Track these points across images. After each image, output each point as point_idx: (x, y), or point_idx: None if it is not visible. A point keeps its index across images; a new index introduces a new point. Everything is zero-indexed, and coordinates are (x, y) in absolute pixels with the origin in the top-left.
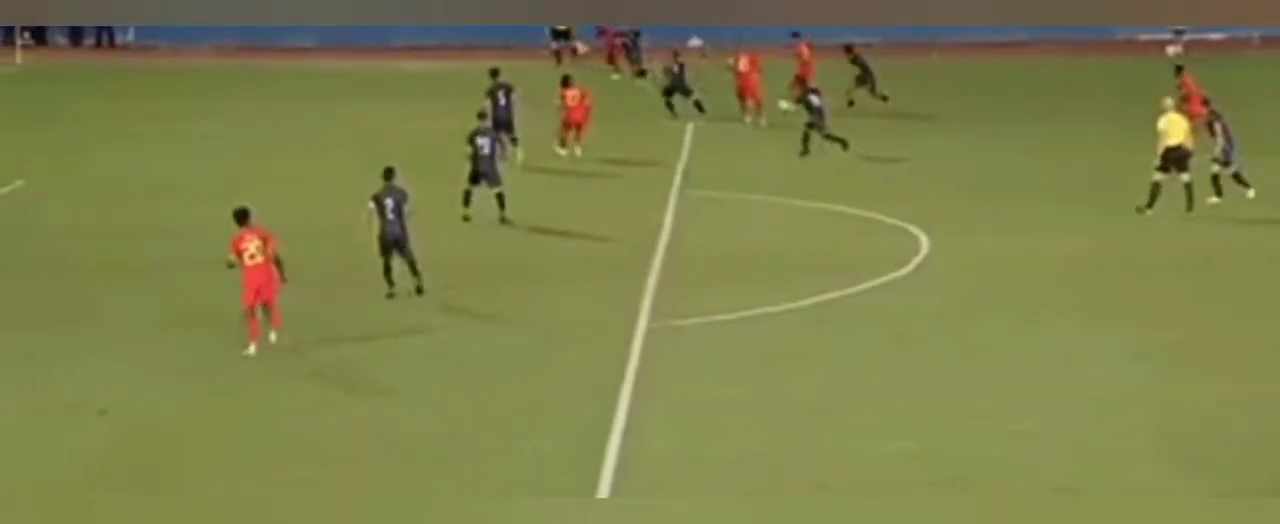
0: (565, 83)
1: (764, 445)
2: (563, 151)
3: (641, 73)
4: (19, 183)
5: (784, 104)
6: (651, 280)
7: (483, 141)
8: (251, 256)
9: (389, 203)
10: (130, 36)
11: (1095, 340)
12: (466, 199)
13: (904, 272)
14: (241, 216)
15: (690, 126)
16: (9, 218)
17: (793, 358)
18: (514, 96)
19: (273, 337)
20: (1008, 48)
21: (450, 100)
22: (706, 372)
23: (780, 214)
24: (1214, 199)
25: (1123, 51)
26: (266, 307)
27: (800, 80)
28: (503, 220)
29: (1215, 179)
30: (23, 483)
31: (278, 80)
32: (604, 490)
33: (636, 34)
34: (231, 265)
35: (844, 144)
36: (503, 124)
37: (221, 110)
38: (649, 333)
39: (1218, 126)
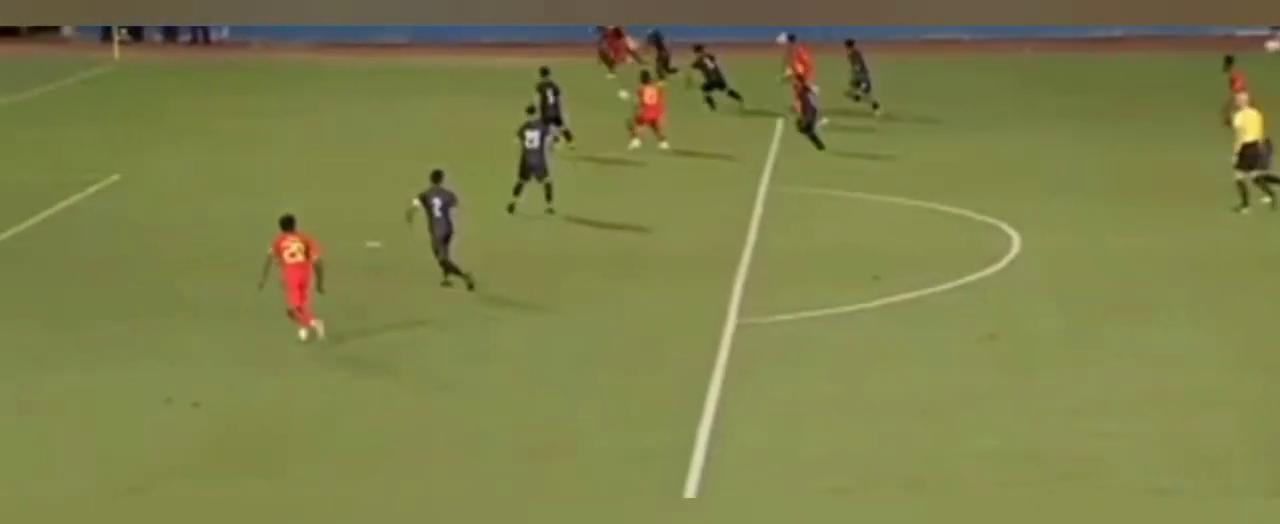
0: (645, 79)
1: (854, 443)
2: (637, 143)
3: (672, 70)
4: (114, 177)
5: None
6: (740, 277)
7: (532, 135)
8: (292, 255)
9: (437, 202)
10: (225, 33)
11: (1190, 339)
12: (517, 191)
13: (995, 269)
14: (287, 224)
15: (779, 122)
16: (105, 212)
17: (883, 355)
18: (561, 96)
19: (303, 334)
20: (1101, 43)
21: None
22: (796, 369)
23: (870, 211)
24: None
25: (1219, 47)
26: (294, 308)
27: (800, 79)
28: (549, 211)
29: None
30: (119, 474)
31: (369, 76)
32: (692, 488)
33: (658, 34)
34: (266, 270)
35: (819, 145)
36: (551, 120)
37: (313, 106)
38: (738, 330)
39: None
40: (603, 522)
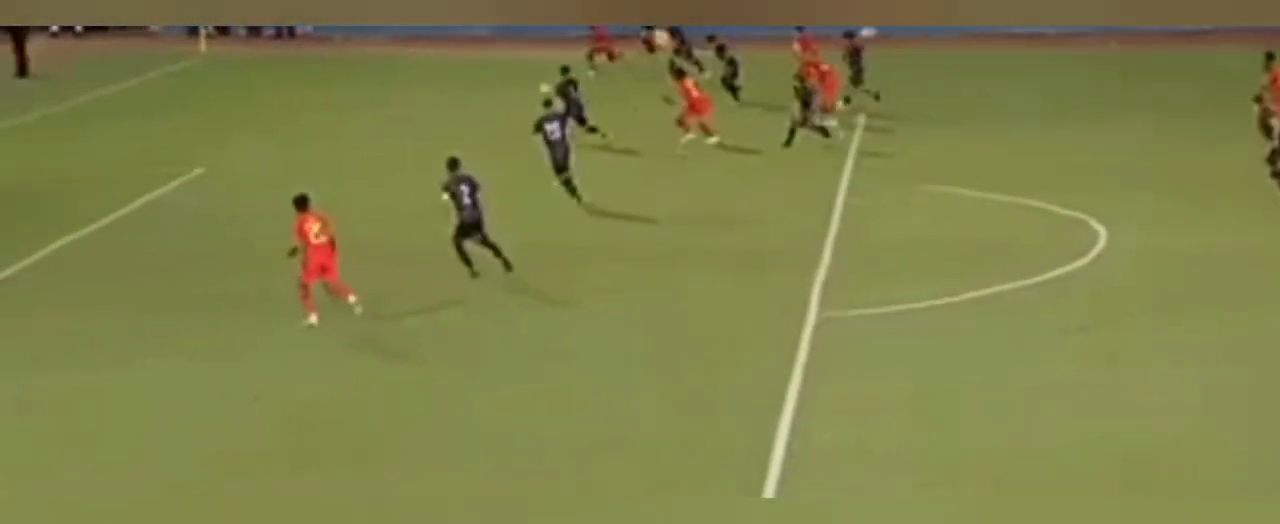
0: (680, 74)
1: (937, 439)
2: (689, 137)
3: (699, 66)
4: (199, 171)
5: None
6: (821, 271)
7: (552, 127)
8: (316, 236)
9: (464, 190)
10: (309, 27)
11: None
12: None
13: (1081, 263)
14: (301, 203)
15: (862, 116)
16: (188, 205)
17: (967, 350)
18: (580, 92)
19: (356, 308)
20: (1186, 38)
21: (621, 86)
22: (878, 364)
23: (953, 204)
24: None
25: None
26: (328, 283)
27: (802, 77)
28: (580, 201)
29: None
30: (202, 464)
31: (451, 70)
32: (771, 483)
33: (680, 30)
34: (294, 251)
35: (801, 132)
36: (575, 117)
37: (394, 99)
38: (819, 324)
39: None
40: (680, 518)
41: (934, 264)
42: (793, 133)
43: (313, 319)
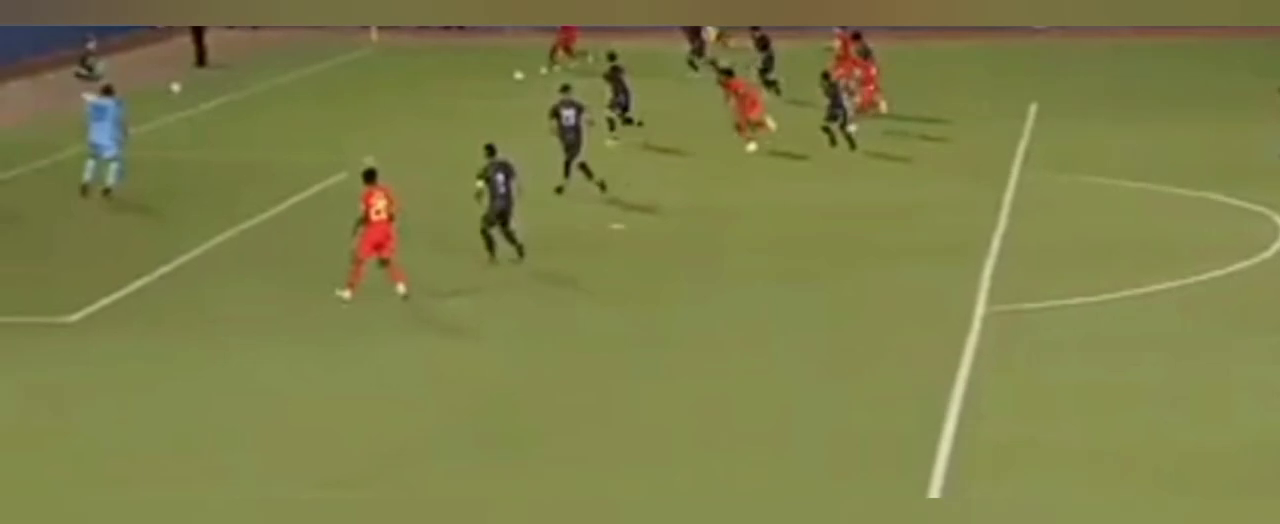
0: (728, 74)
1: (1108, 435)
2: (753, 146)
3: (709, 62)
4: (368, 159)
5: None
6: (989, 263)
7: (567, 113)
8: (377, 212)
9: (500, 177)
10: None
11: None
12: (566, 171)
13: (1261, 258)
14: (370, 176)
15: (1033, 108)
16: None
17: (1139, 345)
18: (628, 78)
19: (402, 290)
20: None
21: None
22: (1048, 358)
23: (1125, 197)
24: None
25: None
26: (383, 261)
27: (828, 74)
28: (601, 187)
29: None
30: (361, 452)
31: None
32: (938, 477)
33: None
34: (360, 223)
35: (832, 141)
36: (621, 105)
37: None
38: (987, 317)
39: None
40: (847, 513)
41: (1107, 257)
42: (829, 133)
43: (346, 295)
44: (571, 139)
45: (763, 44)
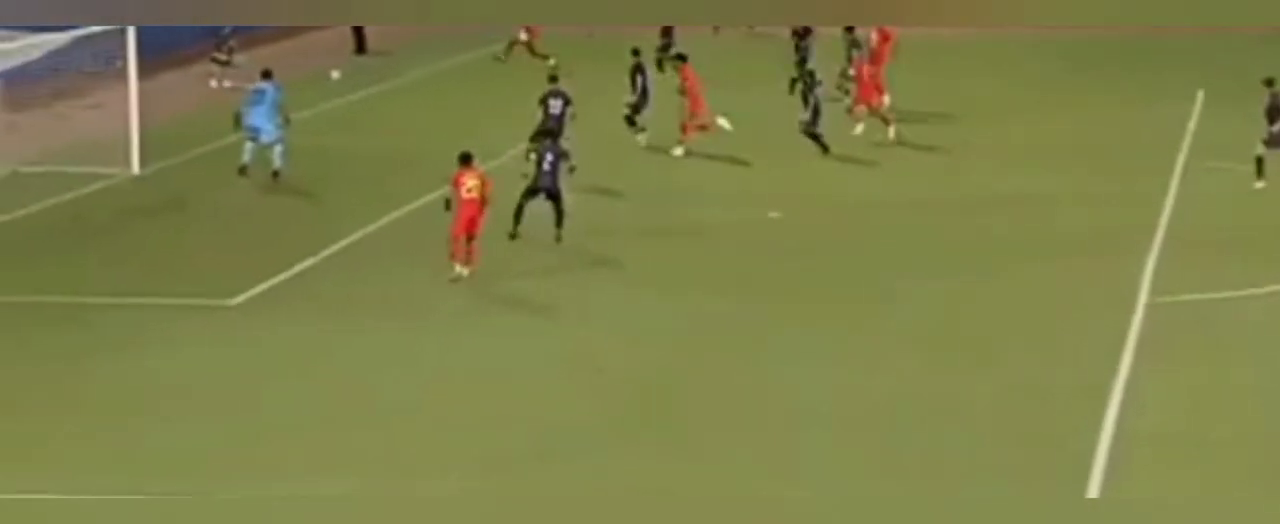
0: (683, 59)
1: (1274, 430)
2: (680, 151)
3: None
4: (522, 145)
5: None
6: (1153, 253)
7: (554, 103)
8: (468, 191)
9: (549, 156)
10: None
11: None
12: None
13: None
14: (465, 159)
15: (1200, 94)
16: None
17: None
18: (650, 76)
19: (462, 276)
20: None
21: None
22: (1211, 350)
23: None
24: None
25: None
26: (470, 238)
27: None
28: (570, 169)
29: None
30: (519, 436)
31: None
32: (1098, 470)
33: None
34: (449, 204)
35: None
36: (634, 105)
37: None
38: (1149, 308)
39: None
40: (1001, 505)
41: (1272, 248)
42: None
43: (460, 271)
44: (552, 125)
45: (801, 34)
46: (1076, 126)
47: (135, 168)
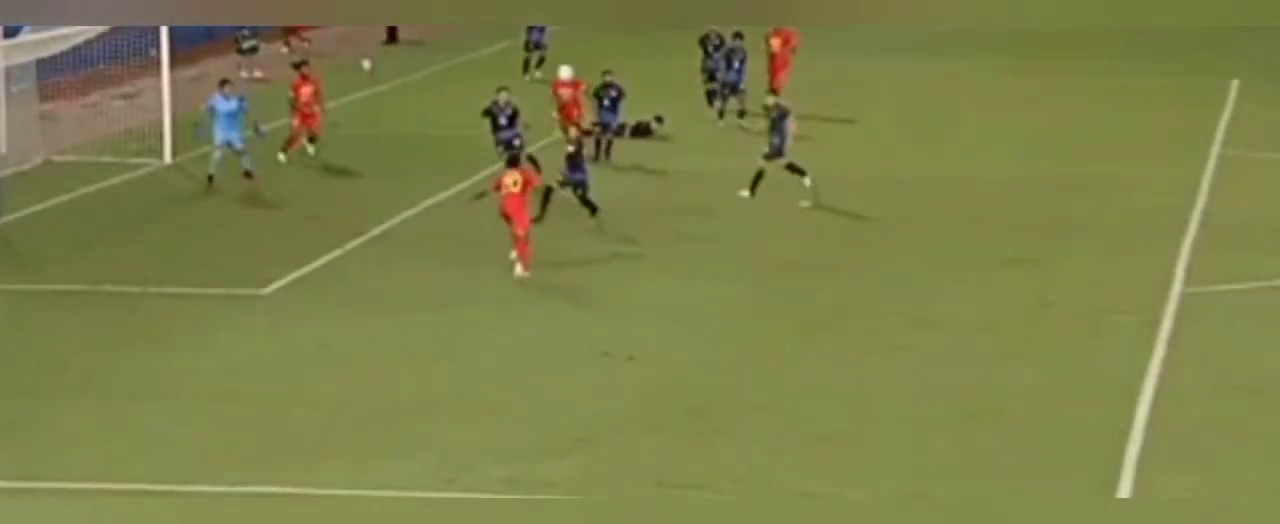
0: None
1: None
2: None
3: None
4: (556, 134)
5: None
6: (1187, 243)
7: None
8: (511, 186)
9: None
10: None
11: None
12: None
13: None
14: (512, 162)
15: (1234, 84)
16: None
17: None
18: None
19: (516, 270)
20: None
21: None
22: (1246, 340)
23: None
24: None
25: None
26: (516, 236)
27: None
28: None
29: None
30: (554, 427)
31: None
32: (1132, 458)
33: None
34: (481, 195)
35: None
36: (609, 122)
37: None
38: (1183, 298)
39: None
40: (1035, 497)
41: None
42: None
43: (520, 272)
44: (506, 136)
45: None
46: (1108, 116)
47: (168, 157)
